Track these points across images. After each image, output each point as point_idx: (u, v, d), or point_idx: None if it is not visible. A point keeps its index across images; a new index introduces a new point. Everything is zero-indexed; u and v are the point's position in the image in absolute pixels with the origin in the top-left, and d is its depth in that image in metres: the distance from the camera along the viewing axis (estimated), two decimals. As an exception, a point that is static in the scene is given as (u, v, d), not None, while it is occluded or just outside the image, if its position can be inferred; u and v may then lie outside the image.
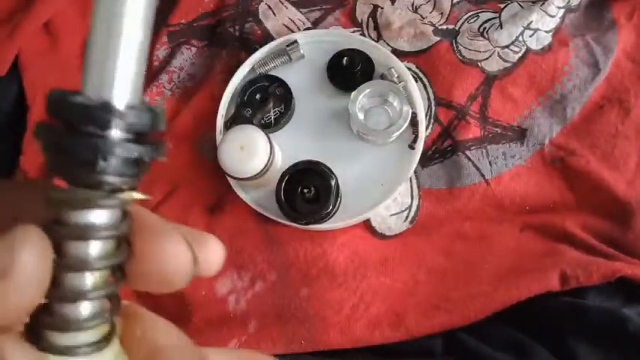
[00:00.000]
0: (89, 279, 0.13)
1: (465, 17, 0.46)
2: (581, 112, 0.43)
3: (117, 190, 0.13)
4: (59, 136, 0.13)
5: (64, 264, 0.13)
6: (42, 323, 0.13)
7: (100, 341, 0.14)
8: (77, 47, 0.48)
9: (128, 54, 0.13)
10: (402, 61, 0.43)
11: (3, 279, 0.12)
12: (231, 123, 0.43)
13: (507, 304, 0.36)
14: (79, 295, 0.13)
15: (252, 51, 0.45)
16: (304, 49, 0.44)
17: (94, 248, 0.13)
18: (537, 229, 0.40)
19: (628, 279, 0.36)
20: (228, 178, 0.40)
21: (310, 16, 0.47)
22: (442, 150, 0.43)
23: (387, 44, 0.46)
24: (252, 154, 0.36)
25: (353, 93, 0.40)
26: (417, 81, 0.43)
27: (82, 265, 0.13)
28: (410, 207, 0.42)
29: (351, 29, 0.47)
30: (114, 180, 0.13)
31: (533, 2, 0.45)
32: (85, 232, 0.13)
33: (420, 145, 0.41)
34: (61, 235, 0.13)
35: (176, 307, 0.39)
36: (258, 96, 0.43)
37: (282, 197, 0.38)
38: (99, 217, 0.13)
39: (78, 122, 0.13)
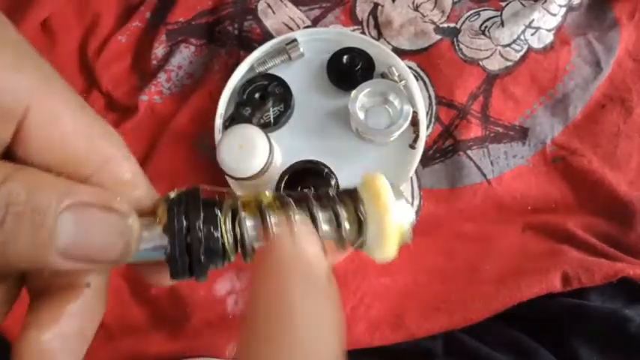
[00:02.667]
0: None
1: (466, 15, 0.45)
2: (583, 111, 0.43)
3: None
4: None
5: None
6: None
7: None
8: (74, 46, 0.48)
9: None
10: (402, 60, 0.43)
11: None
12: (230, 122, 0.43)
13: (508, 305, 0.36)
14: None
15: (251, 49, 0.45)
16: (304, 48, 0.44)
17: None
18: (539, 230, 0.40)
19: (630, 279, 0.36)
20: (227, 178, 0.40)
21: (310, 14, 0.47)
22: (443, 149, 0.42)
23: (388, 43, 0.45)
24: (251, 153, 0.36)
25: (353, 92, 0.40)
26: (417, 80, 0.43)
27: None
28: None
29: (351, 27, 0.46)
30: None
31: (534, 0, 0.45)
32: None
33: (420, 145, 0.41)
34: None
35: (174, 308, 0.39)
36: (257, 95, 0.42)
37: (282, 197, 0.37)
38: None
39: None
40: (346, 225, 0.17)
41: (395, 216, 0.17)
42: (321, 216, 0.17)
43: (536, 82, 0.43)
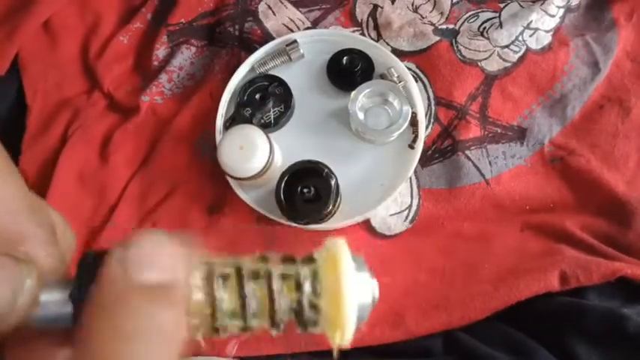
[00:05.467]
0: None
1: (464, 17, 0.46)
2: (581, 111, 0.43)
3: None
4: None
5: None
6: None
7: None
8: (76, 47, 0.48)
9: None
10: (401, 61, 0.43)
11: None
12: (230, 123, 0.43)
13: (507, 304, 0.36)
14: None
15: (251, 50, 0.45)
16: (304, 49, 0.44)
17: None
18: (537, 229, 0.40)
19: (628, 279, 0.36)
20: (228, 178, 0.40)
21: (310, 15, 0.47)
22: (442, 150, 0.43)
23: (387, 44, 0.45)
24: (252, 153, 0.36)
25: (353, 93, 0.40)
26: (416, 81, 0.43)
27: None
28: (410, 207, 0.42)
29: (351, 29, 0.47)
30: None
31: (533, 2, 0.45)
32: None
33: (419, 145, 0.41)
34: None
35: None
36: (257, 96, 0.43)
37: (282, 197, 0.38)
38: None
39: None
40: (305, 303, 0.15)
41: (351, 300, 0.15)
42: (281, 291, 0.15)
43: (534, 82, 0.43)
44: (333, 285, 0.15)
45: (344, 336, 0.16)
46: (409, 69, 0.43)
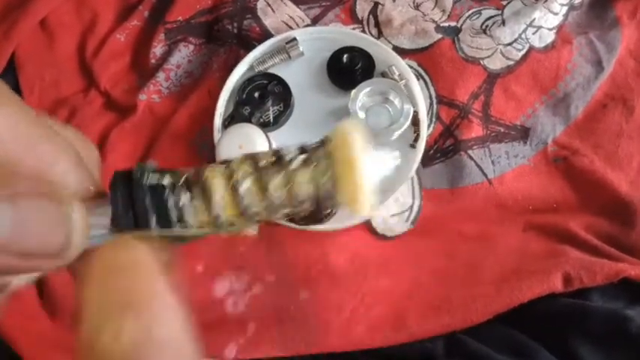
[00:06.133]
0: None
1: (467, 14, 0.45)
2: (585, 110, 0.43)
3: None
4: None
5: None
6: None
7: None
8: (73, 45, 0.48)
9: None
10: (403, 59, 0.43)
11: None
12: (229, 121, 0.42)
13: (510, 306, 0.36)
14: None
15: (250, 48, 0.44)
16: (303, 47, 0.43)
17: None
18: (540, 230, 0.40)
19: (631, 280, 0.36)
20: (227, 178, 0.40)
21: (310, 12, 0.47)
22: (444, 149, 0.42)
23: (388, 41, 0.45)
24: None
25: (353, 91, 0.40)
26: (418, 79, 0.43)
27: None
28: (411, 207, 0.41)
29: (352, 26, 0.46)
30: None
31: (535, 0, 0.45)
32: None
33: (421, 145, 0.40)
34: None
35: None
36: (256, 94, 0.42)
37: (282, 197, 0.37)
38: None
39: None
40: (324, 180, 0.16)
41: (363, 158, 0.16)
42: (302, 174, 0.16)
43: (537, 81, 0.43)
44: (343, 150, 0.16)
45: (363, 199, 0.16)
46: (410, 67, 0.43)
